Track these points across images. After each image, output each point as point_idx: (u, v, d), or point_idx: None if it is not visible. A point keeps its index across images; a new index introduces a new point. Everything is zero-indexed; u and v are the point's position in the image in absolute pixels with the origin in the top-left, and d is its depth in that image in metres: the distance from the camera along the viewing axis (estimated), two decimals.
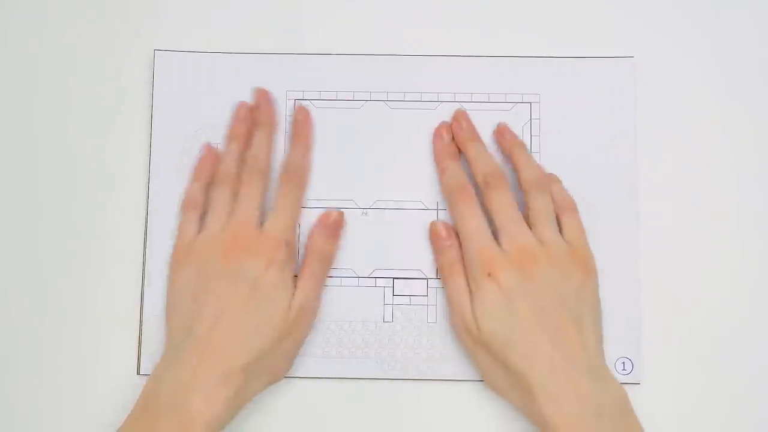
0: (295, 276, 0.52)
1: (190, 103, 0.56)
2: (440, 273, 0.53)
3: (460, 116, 0.55)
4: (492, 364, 0.49)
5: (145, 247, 0.54)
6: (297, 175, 0.53)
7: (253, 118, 0.55)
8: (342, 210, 0.54)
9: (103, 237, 0.55)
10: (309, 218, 0.54)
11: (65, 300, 0.54)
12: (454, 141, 0.54)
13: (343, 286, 0.54)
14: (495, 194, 0.51)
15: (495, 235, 0.51)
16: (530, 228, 0.51)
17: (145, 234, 0.54)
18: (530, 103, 0.55)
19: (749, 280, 0.54)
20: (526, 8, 0.57)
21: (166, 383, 0.47)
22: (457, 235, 0.52)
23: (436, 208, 0.55)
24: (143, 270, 0.54)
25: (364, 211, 0.55)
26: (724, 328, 0.54)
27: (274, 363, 0.50)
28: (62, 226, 0.55)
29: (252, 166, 0.53)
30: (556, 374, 0.47)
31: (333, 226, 0.53)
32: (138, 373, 0.53)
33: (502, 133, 0.55)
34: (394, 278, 0.54)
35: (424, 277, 0.54)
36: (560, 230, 0.51)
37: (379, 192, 0.55)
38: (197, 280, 0.50)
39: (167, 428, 0.45)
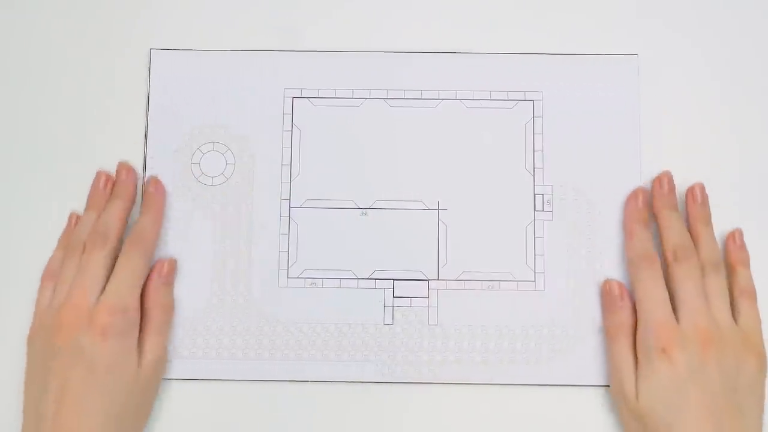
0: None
1: (187, 102, 0.55)
2: (605, 332, 0.52)
3: (665, 178, 0.53)
4: None
5: None
6: (141, 239, 0.51)
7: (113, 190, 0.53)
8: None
9: None
10: (308, 216, 0.54)
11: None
12: (646, 207, 0.53)
13: (343, 287, 0.53)
14: (683, 268, 0.50)
15: (672, 308, 0.50)
16: None
17: None
18: (533, 100, 0.55)
19: (753, 276, 0.53)
20: (529, 5, 0.56)
21: None
22: (630, 298, 0.51)
23: (437, 207, 0.54)
24: None
25: (364, 211, 0.54)
26: None
27: (133, 420, 0.50)
28: (57, 226, 0.54)
29: (96, 234, 0.51)
30: None
31: (167, 274, 0.52)
32: None
33: (694, 195, 0.53)
34: (394, 280, 0.53)
35: (425, 278, 0.53)
36: (734, 314, 0.51)
37: (379, 192, 0.54)
38: (41, 359, 0.49)
39: None
